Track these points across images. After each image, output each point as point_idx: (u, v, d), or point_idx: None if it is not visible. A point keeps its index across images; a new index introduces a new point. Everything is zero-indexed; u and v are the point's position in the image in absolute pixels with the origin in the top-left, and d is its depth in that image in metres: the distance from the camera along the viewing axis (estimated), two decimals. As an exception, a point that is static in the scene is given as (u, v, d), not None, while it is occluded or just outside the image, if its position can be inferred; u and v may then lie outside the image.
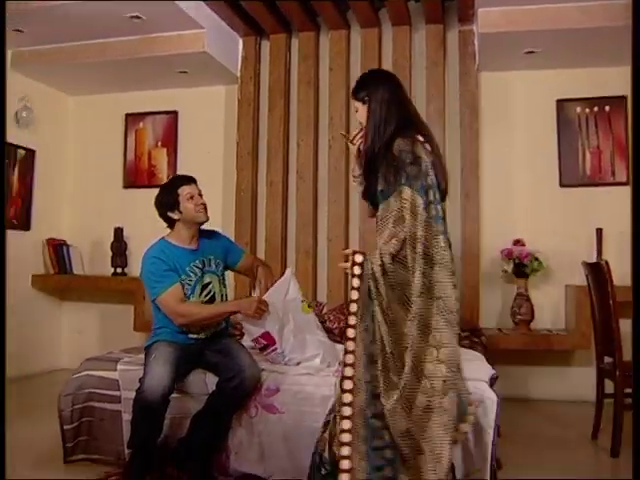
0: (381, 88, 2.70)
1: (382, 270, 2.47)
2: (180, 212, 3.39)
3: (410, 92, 5.02)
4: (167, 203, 3.41)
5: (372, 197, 2.68)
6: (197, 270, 3.42)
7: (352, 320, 2.51)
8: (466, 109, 5.32)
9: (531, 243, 5.10)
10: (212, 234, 3.62)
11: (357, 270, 2.52)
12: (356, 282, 2.51)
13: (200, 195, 3.44)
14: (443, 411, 2.38)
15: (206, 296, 3.45)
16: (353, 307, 2.52)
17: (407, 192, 2.47)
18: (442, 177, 2.61)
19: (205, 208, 3.44)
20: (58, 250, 5.94)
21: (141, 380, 3.13)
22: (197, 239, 3.48)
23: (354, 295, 2.52)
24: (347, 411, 2.45)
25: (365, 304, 2.50)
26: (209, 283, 3.46)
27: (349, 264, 2.55)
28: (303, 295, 3.57)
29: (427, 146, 2.62)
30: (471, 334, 4.75)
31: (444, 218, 2.56)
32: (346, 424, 2.44)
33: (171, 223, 3.45)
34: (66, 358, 6.06)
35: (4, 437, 3.01)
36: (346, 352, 2.50)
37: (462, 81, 5.34)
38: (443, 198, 2.61)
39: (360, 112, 2.73)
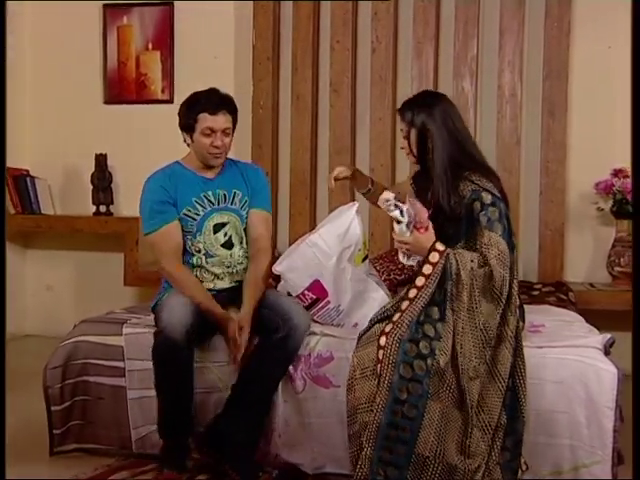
0: None
1: (471, 274, 2.94)
2: (192, 141, 3.41)
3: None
4: (182, 120, 3.44)
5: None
6: (207, 203, 3.44)
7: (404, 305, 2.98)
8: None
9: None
10: (249, 168, 3.68)
11: (434, 257, 2.96)
12: (428, 269, 2.97)
13: (225, 133, 3.38)
14: None
15: (223, 238, 3.46)
16: (412, 293, 2.97)
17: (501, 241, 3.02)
18: None
19: (223, 153, 3.43)
20: (19, 183, 5.88)
21: (156, 318, 3.17)
22: (217, 171, 3.52)
23: (419, 281, 2.97)
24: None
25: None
26: (225, 224, 3.47)
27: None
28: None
29: None
30: (555, 289, 4.77)
31: None
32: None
33: None
34: (31, 322, 6.11)
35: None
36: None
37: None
38: None
39: None
